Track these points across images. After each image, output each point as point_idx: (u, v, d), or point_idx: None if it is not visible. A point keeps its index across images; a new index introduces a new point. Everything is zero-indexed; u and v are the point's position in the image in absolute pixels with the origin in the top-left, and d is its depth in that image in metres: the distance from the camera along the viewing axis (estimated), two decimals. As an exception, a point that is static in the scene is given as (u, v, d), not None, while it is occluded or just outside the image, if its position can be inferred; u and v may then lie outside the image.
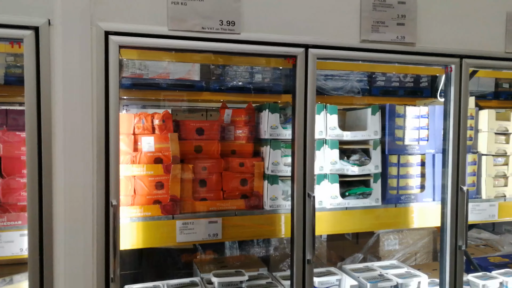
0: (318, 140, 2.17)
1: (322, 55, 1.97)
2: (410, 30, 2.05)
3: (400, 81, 4.22)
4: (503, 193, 2.45)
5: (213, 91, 3.71)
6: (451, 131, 2.20)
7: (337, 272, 2.36)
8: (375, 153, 2.25)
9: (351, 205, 2.20)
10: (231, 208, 2.05)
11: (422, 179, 2.35)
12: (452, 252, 2.23)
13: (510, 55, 2.23)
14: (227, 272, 2.14)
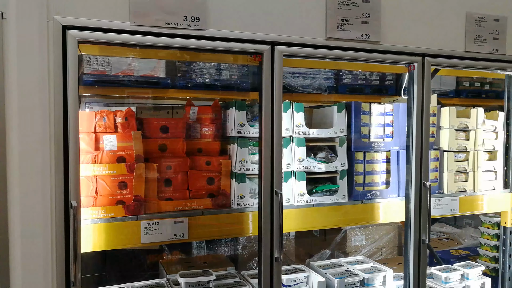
0: (285, 138, 2.17)
1: (288, 52, 1.97)
2: (374, 29, 2.07)
3: (366, 79, 4.29)
4: (463, 188, 2.53)
5: (179, 88, 3.64)
6: (414, 128, 2.25)
7: (304, 269, 2.37)
8: (341, 150, 2.27)
9: (318, 202, 2.21)
10: (198, 207, 2.01)
11: (387, 175, 2.39)
12: (416, 246, 2.28)
13: (469, 54, 2.30)
14: (194, 272, 2.11)
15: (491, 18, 2.32)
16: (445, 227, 3.94)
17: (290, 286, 2.27)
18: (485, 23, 2.31)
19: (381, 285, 2.40)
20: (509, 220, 2.63)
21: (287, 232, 3.10)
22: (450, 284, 2.53)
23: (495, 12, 2.33)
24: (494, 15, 2.33)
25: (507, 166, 2.65)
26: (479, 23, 2.29)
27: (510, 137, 2.63)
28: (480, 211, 2.60)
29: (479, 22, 2.29)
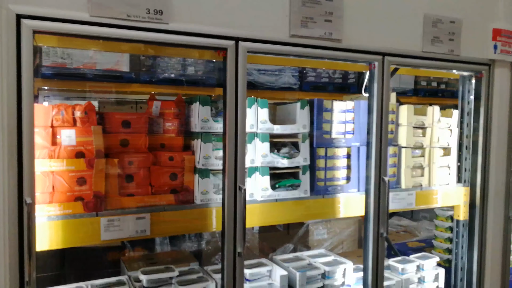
0: (249, 134, 2.18)
1: (252, 49, 1.98)
2: (337, 27, 2.11)
3: (330, 77, 4.37)
4: (420, 183, 2.63)
5: (143, 83, 3.58)
6: (374, 125, 2.32)
7: (267, 263, 2.39)
8: (304, 146, 2.31)
9: (281, 197, 2.23)
10: (160, 203, 1.99)
11: (348, 170, 2.45)
12: (375, 239, 2.36)
13: (426, 54, 2.39)
14: (156, 268, 2.09)
15: (448, 20, 2.42)
16: (403, 220, 4.09)
17: (253, 281, 2.30)
18: (442, 25, 2.40)
19: (341, 278, 2.46)
20: (462, 213, 2.76)
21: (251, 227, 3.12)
22: (406, 275, 2.63)
23: (451, 14, 2.43)
24: (450, 17, 2.43)
25: (460, 162, 2.78)
26: (436, 24, 2.38)
27: (463, 134, 2.76)
28: (435, 205, 2.72)
29: (436, 24, 2.38)
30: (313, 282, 2.38)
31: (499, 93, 2.64)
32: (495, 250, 2.76)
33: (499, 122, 2.67)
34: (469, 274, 2.77)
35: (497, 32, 2.54)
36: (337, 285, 2.46)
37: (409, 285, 2.62)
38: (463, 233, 2.80)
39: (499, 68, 2.62)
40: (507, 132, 2.72)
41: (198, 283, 2.11)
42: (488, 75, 2.61)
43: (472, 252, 2.74)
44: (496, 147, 2.67)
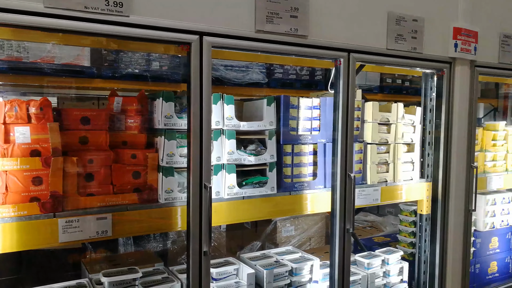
0: (215, 130, 2.14)
1: (217, 44, 1.94)
2: (302, 23, 2.10)
3: (297, 74, 4.38)
4: (385, 179, 2.67)
5: (105, 79, 3.46)
6: (340, 121, 2.33)
7: (234, 262, 2.37)
8: (271, 143, 2.29)
9: (248, 194, 2.21)
10: (123, 202, 1.92)
11: (314, 167, 2.45)
12: (341, 235, 2.38)
13: (390, 51, 2.43)
14: (119, 270, 2.02)
15: (410, 18, 2.46)
16: (369, 216, 4.16)
17: (219, 280, 2.26)
18: (405, 23, 2.44)
19: (308, 274, 2.47)
20: (425, 207, 2.83)
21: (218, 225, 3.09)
22: (372, 269, 2.67)
23: (414, 13, 2.47)
24: (413, 16, 2.47)
25: (423, 157, 2.84)
26: (399, 22, 2.42)
27: (426, 130, 2.82)
28: (400, 200, 2.77)
29: (399, 22, 2.42)
30: (281, 280, 2.37)
31: (459, 91, 2.72)
32: (456, 242, 2.84)
33: (460, 119, 2.75)
34: (432, 267, 2.84)
35: (457, 31, 2.61)
36: (305, 282, 2.46)
37: (374, 279, 2.66)
38: (426, 227, 2.87)
39: (459, 66, 2.69)
40: (467, 128, 2.80)
41: (163, 284, 2.06)
42: (449, 72, 2.68)
43: (435, 245, 2.82)
44: (456, 143, 2.75)
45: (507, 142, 3.29)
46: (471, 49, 2.69)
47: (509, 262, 3.39)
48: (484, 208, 3.19)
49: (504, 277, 3.35)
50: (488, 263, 3.26)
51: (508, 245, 3.36)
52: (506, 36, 2.90)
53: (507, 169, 3.29)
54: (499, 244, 3.30)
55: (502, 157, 3.26)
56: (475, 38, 2.70)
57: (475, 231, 3.18)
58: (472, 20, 2.69)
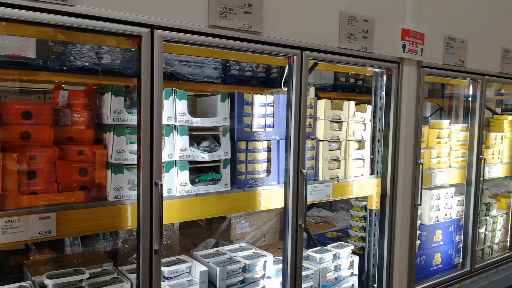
0: (167, 126, 2.10)
1: (169, 38, 1.90)
2: (256, 20, 2.10)
3: (253, 71, 4.38)
4: (336, 175, 2.73)
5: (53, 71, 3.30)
6: (293, 119, 2.36)
7: (187, 260, 2.33)
8: (225, 139, 2.27)
9: (201, 192, 2.18)
10: (68, 201, 1.84)
11: (268, 164, 2.46)
12: (293, 231, 2.41)
13: (342, 50, 2.48)
14: (64, 272, 1.93)
15: (362, 18, 2.52)
16: (322, 212, 4.25)
17: (172, 278, 2.23)
18: (356, 23, 2.50)
19: (262, 270, 2.48)
20: (374, 203, 2.92)
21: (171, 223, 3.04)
22: (324, 264, 2.72)
23: (365, 13, 2.54)
24: (364, 16, 2.53)
25: (373, 154, 2.93)
26: (351, 22, 2.47)
27: (376, 128, 2.91)
28: (350, 196, 2.84)
29: (351, 21, 2.47)
30: (234, 276, 2.37)
31: (407, 90, 2.83)
32: (403, 236, 2.96)
33: (407, 117, 2.86)
34: (380, 260, 2.94)
35: (405, 32, 2.71)
36: (258, 278, 2.47)
37: (326, 274, 2.72)
38: (375, 222, 2.96)
39: (407, 66, 2.80)
40: (414, 126, 2.92)
41: (112, 284, 1.99)
42: (397, 72, 2.78)
43: (383, 239, 2.92)
44: (404, 140, 2.86)
45: (450, 140, 3.46)
46: (418, 50, 2.80)
47: (451, 253, 3.58)
48: (429, 203, 3.34)
49: (447, 268, 3.54)
50: (433, 255, 3.42)
51: (451, 238, 3.55)
52: (450, 38, 3.05)
53: (450, 165, 3.47)
54: (442, 236, 3.47)
55: (446, 154, 3.43)
56: (421, 39, 2.82)
57: (421, 225, 3.33)
58: (418, 22, 2.81)
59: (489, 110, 4.65)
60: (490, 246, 3.94)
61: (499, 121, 4.01)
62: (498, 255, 3.93)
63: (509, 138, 3.99)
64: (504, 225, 4.06)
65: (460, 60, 3.14)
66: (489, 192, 4.19)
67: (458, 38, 3.09)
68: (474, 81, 3.42)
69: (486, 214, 3.86)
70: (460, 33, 3.12)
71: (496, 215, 3.97)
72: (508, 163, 3.99)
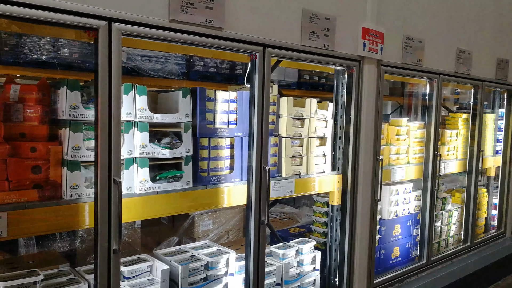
0: (127, 122, 2.04)
1: (128, 31, 1.85)
2: (218, 15, 2.08)
3: (217, 67, 4.35)
4: (298, 171, 2.75)
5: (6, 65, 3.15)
6: (255, 115, 2.36)
7: (148, 259, 2.29)
8: (186, 136, 2.25)
9: (162, 189, 2.15)
10: (20, 200, 1.76)
11: (231, 160, 2.45)
12: (256, 227, 2.41)
13: (304, 48, 2.50)
14: (17, 274, 1.85)
15: (323, 16, 2.55)
16: (286, 208, 4.29)
17: (132, 278, 2.18)
18: (318, 21, 2.53)
19: (224, 267, 2.47)
20: (336, 198, 2.97)
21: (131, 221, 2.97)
22: (287, 259, 2.75)
23: (326, 12, 2.57)
24: (326, 14, 2.56)
25: (335, 151, 2.98)
26: (313, 20, 2.50)
27: (337, 125, 2.96)
28: (313, 192, 2.88)
29: (313, 19, 2.50)
30: (196, 274, 2.35)
31: (367, 88, 2.89)
32: (363, 231, 3.03)
33: (367, 115, 2.93)
34: (342, 255, 3.00)
35: (365, 31, 2.77)
36: (220, 275, 2.46)
37: (289, 269, 2.74)
38: (336, 217, 3.02)
39: (367, 65, 2.86)
40: (374, 124, 2.99)
41: (68, 286, 1.93)
42: (358, 70, 2.84)
43: (344, 234, 2.98)
44: (364, 137, 2.93)
45: (409, 137, 3.57)
46: (378, 49, 2.87)
47: (409, 247, 3.70)
48: (389, 198, 3.44)
49: (405, 261, 3.66)
50: (392, 249, 3.53)
51: (409, 232, 3.67)
52: (408, 38, 3.14)
53: (408, 162, 3.58)
54: (401, 231, 3.58)
55: (404, 151, 3.54)
56: (381, 38, 2.89)
57: (381, 220, 3.42)
58: (378, 21, 2.87)
59: (446, 108, 4.83)
60: (446, 239, 4.11)
61: (454, 119, 4.18)
62: (453, 248, 4.11)
63: (463, 136, 4.17)
64: (459, 219, 4.24)
65: (417, 60, 3.24)
66: (445, 187, 4.37)
67: (416, 38, 3.19)
68: (431, 80, 3.54)
69: (442, 208, 4.02)
70: (418, 33, 3.22)
71: (451, 209, 4.14)
72: (462, 159, 4.16)
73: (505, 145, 4.69)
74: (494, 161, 4.65)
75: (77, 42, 3.43)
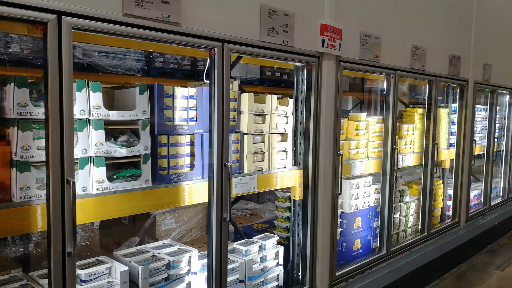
0: (80, 120, 1.97)
1: (79, 25, 1.78)
2: (175, 10, 2.04)
3: (178, 63, 4.28)
4: (261, 167, 2.76)
5: (-51, 61, 2.97)
6: (215, 112, 2.34)
7: (107, 260, 2.23)
8: (144, 133, 2.19)
9: (119, 189, 2.09)
10: (-36, 204, 1.66)
11: (191, 158, 2.42)
12: (218, 224, 2.40)
13: (264, 44, 2.50)
14: (-38, 282, 1.75)
15: (282, 12, 2.56)
16: (250, 204, 4.29)
17: (89, 281, 2.11)
18: (277, 16, 2.53)
19: (186, 266, 2.44)
20: (297, 193, 3.00)
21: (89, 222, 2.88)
22: (250, 256, 2.75)
23: (285, 7, 2.58)
24: (284, 10, 2.57)
25: (296, 146, 3.01)
26: (271, 15, 2.50)
27: (298, 121, 2.99)
28: (275, 187, 2.89)
29: (271, 15, 2.50)
30: (157, 274, 2.30)
31: (326, 84, 2.93)
32: (325, 225, 3.08)
33: (327, 110, 2.97)
34: (304, 249, 3.04)
35: (324, 27, 2.80)
36: (183, 274, 2.43)
37: (252, 265, 2.75)
38: (299, 212, 3.05)
39: (326, 61, 2.90)
40: (333, 119, 3.04)
41: (20, 292, 1.84)
42: (317, 66, 2.87)
43: (306, 228, 3.01)
44: (324, 132, 2.97)
45: (368, 132, 3.65)
46: (336, 45, 2.91)
47: (370, 239, 3.80)
48: (349, 192, 3.51)
49: (366, 252, 3.75)
50: (353, 241, 3.61)
51: (369, 224, 3.76)
52: (366, 35, 3.21)
53: (368, 156, 3.67)
54: (362, 223, 3.67)
55: (364, 145, 3.62)
56: (339, 35, 2.93)
57: (342, 213, 3.49)
58: (336, 18, 2.92)
59: (403, 103, 4.98)
60: (404, 230, 4.25)
61: (411, 114, 4.32)
62: (411, 238, 4.25)
63: (419, 130, 4.31)
64: (416, 210, 4.39)
65: (375, 56, 3.32)
66: (403, 180, 4.51)
67: (373, 34, 3.27)
68: (388, 76, 3.64)
69: (400, 200, 4.15)
70: (375, 30, 3.30)
71: (409, 201, 4.28)
72: (418, 153, 4.31)
73: (458, 138, 4.90)
74: (449, 153, 4.84)
75: (28, 37, 3.28)
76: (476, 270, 4.55)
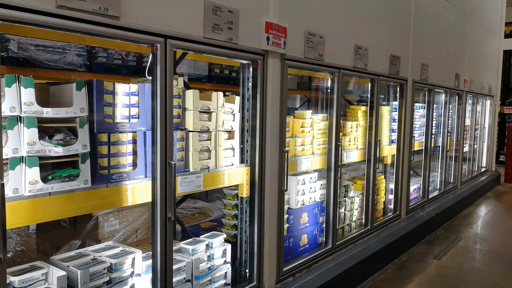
0: (10, 118, 1.85)
1: (7, 17, 1.67)
2: (113, 3, 1.97)
3: (123, 59, 4.15)
4: (207, 165, 2.73)
5: None
6: (158, 109, 2.28)
7: (43, 266, 2.11)
8: (82, 131, 2.09)
9: (56, 190, 1.98)
10: None
11: (134, 156, 2.35)
12: (163, 224, 2.35)
13: (208, 40, 2.47)
14: None
15: (226, 9, 2.54)
16: (198, 203, 4.25)
17: (23, 288, 1.99)
18: (221, 13, 2.51)
19: (130, 268, 2.37)
20: (245, 191, 3.01)
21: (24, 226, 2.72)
22: (196, 255, 2.72)
23: (229, 4, 2.57)
24: (229, 7, 2.56)
25: (243, 144, 3.01)
26: (216, 12, 2.47)
27: (244, 118, 2.99)
28: (222, 185, 2.88)
29: (216, 11, 2.48)
30: (98, 278, 2.21)
31: (271, 81, 2.95)
32: (272, 221, 3.11)
33: (273, 108, 3.00)
34: (251, 246, 3.05)
35: (269, 25, 2.82)
36: (126, 276, 2.35)
37: (199, 264, 2.72)
38: (246, 209, 3.06)
39: (271, 59, 2.92)
40: (278, 116, 3.07)
41: None
42: (262, 64, 2.88)
43: (253, 225, 3.03)
44: (270, 130, 2.99)
45: (313, 129, 3.73)
46: (281, 44, 2.94)
47: (316, 234, 3.88)
48: (295, 188, 3.57)
49: (313, 247, 3.83)
50: (300, 237, 3.67)
51: (315, 219, 3.85)
52: (310, 33, 3.27)
53: (313, 152, 3.75)
54: (308, 218, 3.75)
55: (309, 142, 3.70)
56: (284, 33, 2.96)
57: (289, 209, 3.54)
58: (281, 16, 2.95)
59: (347, 101, 5.14)
60: (349, 224, 4.39)
61: (354, 111, 4.46)
62: (355, 232, 4.40)
63: (362, 127, 4.47)
64: (360, 204, 4.56)
65: (319, 54, 3.39)
66: (348, 175, 4.65)
67: (317, 33, 3.33)
68: (332, 74, 3.73)
69: (345, 195, 4.28)
70: (319, 29, 3.37)
71: (353, 195, 4.43)
72: (362, 149, 4.47)
73: (399, 134, 5.13)
74: (390, 149, 5.06)
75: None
76: (415, 260, 4.80)
